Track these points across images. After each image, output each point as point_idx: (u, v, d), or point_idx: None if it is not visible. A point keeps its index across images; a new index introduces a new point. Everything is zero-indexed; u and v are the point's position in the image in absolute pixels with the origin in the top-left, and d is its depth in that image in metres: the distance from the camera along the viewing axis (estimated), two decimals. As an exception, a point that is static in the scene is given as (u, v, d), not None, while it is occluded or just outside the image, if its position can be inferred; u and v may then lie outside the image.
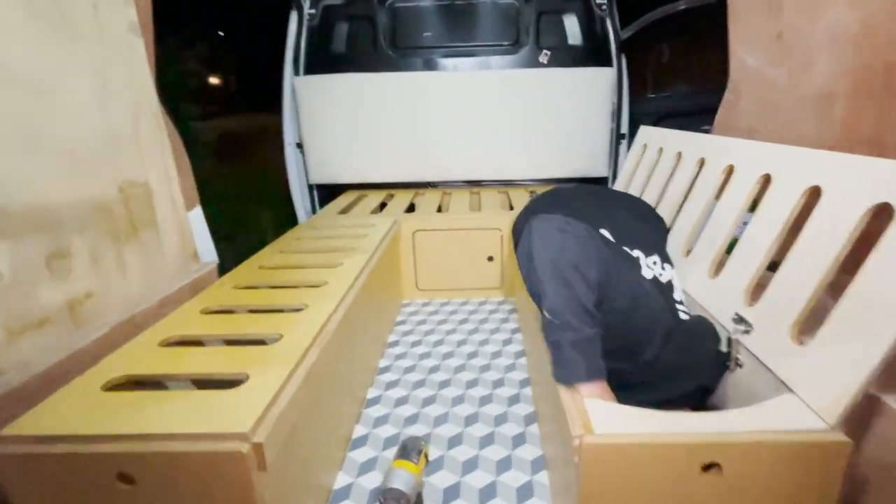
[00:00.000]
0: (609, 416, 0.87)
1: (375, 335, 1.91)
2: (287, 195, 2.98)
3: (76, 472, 0.83)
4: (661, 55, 2.95)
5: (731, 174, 1.35)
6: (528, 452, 1.35)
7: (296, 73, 2.81)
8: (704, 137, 1.56)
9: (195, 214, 1.73)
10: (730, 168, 1.36)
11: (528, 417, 1.50)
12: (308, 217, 2.90)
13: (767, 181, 1.19)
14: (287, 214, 3.01)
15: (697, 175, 1.54)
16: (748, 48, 1.51)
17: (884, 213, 0.85)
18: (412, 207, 2.71)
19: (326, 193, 3.02)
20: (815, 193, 1.02)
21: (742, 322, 1.09)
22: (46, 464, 0.82)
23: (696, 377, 1.14)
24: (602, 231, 1.22)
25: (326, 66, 2.80)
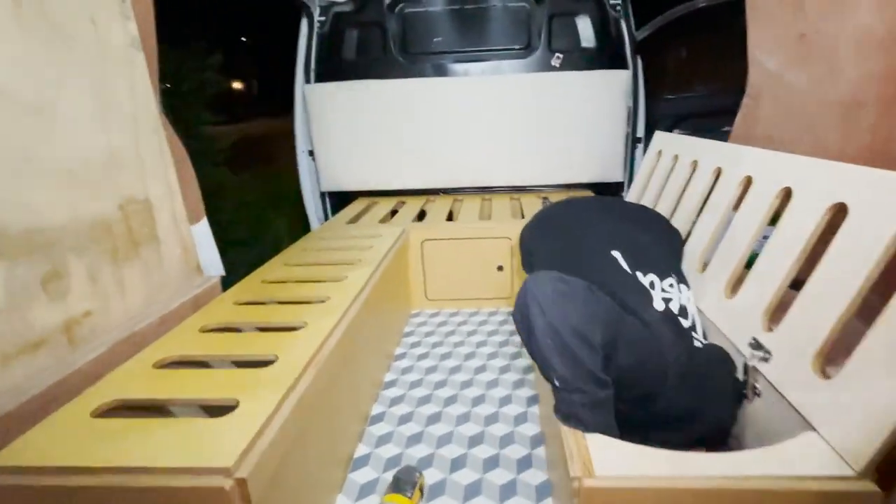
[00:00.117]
0: (611, 456, 0.81)
1: (381, 348, 1.87)
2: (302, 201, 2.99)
3: (59, 505, 0.81)
4: (680, 55, 2.85)
5: (749, 186, 1.27)
6: (534, 477, 1.30)
7: (307, 81, 2.80)
8: (721, 145, 1.47)
9: (200, 227, 1.73)
10: (747, 179, 1.28)
11: (535, 439, 1.44)
12: (321, 224, 2.89)
13: (788, 195, 1.11)
14: (304, 220, 3.02)
15: (714, 185, 1.46)
16: (768, 50, 1.42)
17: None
18: (423, 214, 2.68)
19: (339, 200, 3.01)
20: (841, 210, 0.95)
21: (760, 348, 1.01)
22: (30, 496, 0.81)
23: (712, 419, 1.07)
24: (614, 253, 1.15)
25: (337, 74, 2.79)
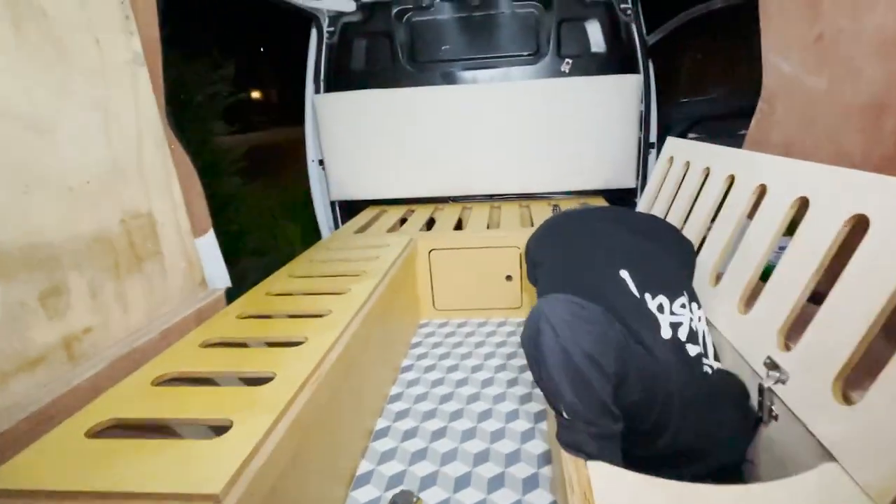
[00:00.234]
0: (614, 487, 0.77)
1: (387, 360, 1.85)
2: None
3: (49, 530, 0.80)
4: (694, 58, 2.78)
5: (764, 195, 1.21)
6: (540, 498, 1.26)
7: (316, 91, 2.81)
8: (734, 152, 1.41)
9: (206, 240, 1.72)
10: (762, 188, 1.22)
11: (542, 457, 1.40)
12: (331, 233, 2.89)
13: (805, 204, 1.05)
14: (316, 228, 3.03)
15: (727, 193, 1.40)
16: (783, 52, 1.36)
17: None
18: (432, 222, 2.66)
19: (349, 209, 3.01)
20: (862, 221, 0.89)
21: (776, 368, 0.95)
22: (20, 519, 0.80)
23: (722, 457, 1.01)
24: (623, 274, 1.10)
25: (346, 83, 2.79)
